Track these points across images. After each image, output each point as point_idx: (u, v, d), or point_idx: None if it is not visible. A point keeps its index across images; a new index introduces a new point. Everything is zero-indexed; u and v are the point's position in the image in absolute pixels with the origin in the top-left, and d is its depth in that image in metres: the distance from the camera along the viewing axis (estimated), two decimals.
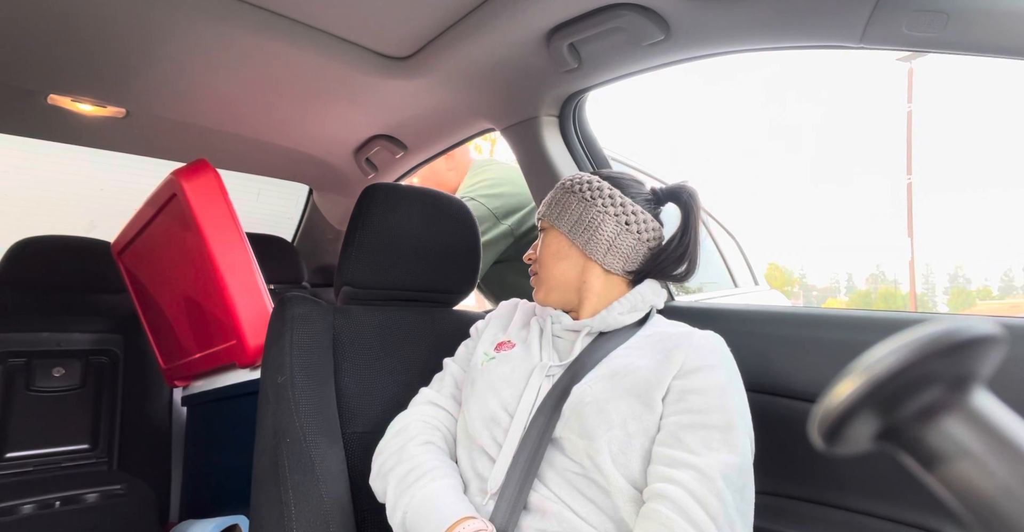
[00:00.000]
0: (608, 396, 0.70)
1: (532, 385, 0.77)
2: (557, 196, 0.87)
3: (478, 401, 0.78)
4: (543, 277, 0.85)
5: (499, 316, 0.94)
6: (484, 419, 0.76)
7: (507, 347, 0.85)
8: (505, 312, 0.94)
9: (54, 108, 1.27)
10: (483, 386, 0.79)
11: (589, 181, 0.85)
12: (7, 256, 1.52)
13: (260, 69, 1.10)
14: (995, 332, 0.24)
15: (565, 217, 0.84)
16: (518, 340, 0.86)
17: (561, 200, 0.86)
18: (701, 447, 0.64)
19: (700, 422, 0.66)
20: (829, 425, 0.24)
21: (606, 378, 0.73)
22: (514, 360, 0.81)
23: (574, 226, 0.83)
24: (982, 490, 0.23)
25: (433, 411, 0.85)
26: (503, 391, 0.77)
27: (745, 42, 0.88)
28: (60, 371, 1.59)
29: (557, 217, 0.85)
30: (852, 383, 0.23)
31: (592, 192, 0.84)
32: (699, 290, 2.14)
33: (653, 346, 0.76)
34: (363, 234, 0.97)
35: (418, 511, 0.69)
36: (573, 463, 0.69)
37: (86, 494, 1.37)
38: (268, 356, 0.89)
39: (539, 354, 0.82)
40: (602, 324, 0.80)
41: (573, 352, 0.80)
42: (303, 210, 2.07)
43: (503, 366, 0.81)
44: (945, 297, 38.23)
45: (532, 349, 0.83)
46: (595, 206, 0.83)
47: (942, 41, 0.70)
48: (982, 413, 0.24)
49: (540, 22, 0.92)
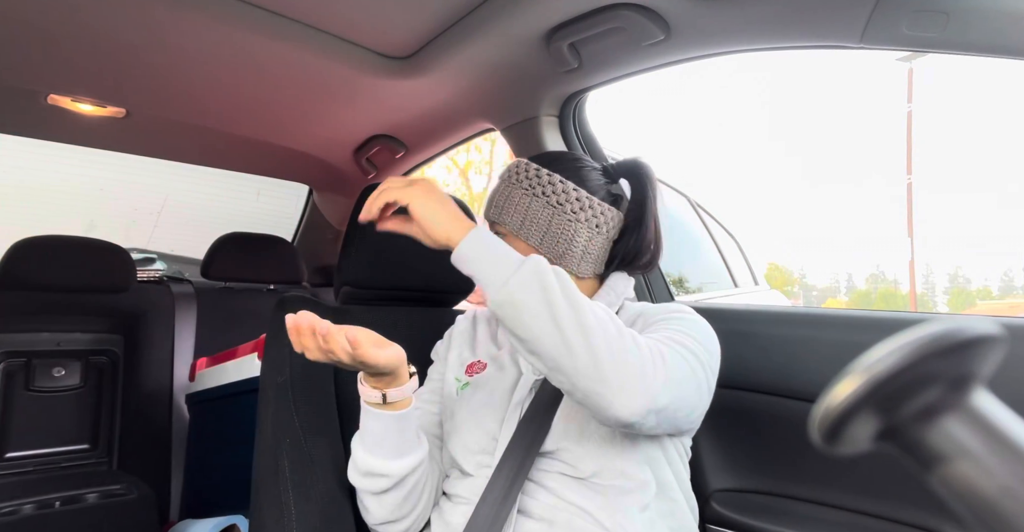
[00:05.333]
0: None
1: (516, 402, 0.73)
2: (514, 198, 0.77)
3: (461, 434, 0.74)
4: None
5: (460, 332, 0.87)
6: (470, 451, 0.73)
7: (479, 369, 0.79)
8: (465, 328, 0.87)
9: (54, 108, 1.27)
10: (465, 417, 0.75)
11: (551, 182, 0.77)
12: (7, 256, 1.52)
13: (260, 69, 1.10)
14: (995, 332, 0.24)
15: (531, 228, 0.76)
16: (489, 358, 0.80)
17: (520, 204, 0.77)
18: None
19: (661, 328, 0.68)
20: (829, 425, 0.24)
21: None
22: (491, 382, 0.76)
23: (544, 238, 0.76)
24: (982, 490, 0.23)
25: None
26: (485, 419, 0.73)
27: (745, 42, 0.88)
28: (60, 371, 1.59)
29: (520, 227, 0.77)
30: (852, 383, 0.23)
31: (558, 196, 0.76)
32: (699, 290, 2.15)
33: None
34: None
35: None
36: (576, 469, 0.67)
37: (86, 494, 1.37)
38: (268, 356, 0.89)
39: (516, 369, 0.77)
40: None
41: None
42: (303, 210, 2.07)
43: (480, 392, 0.76)
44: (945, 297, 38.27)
45: (506, 367, 0.77)
46: (564, 213, 0.76)
47: (942, 41, 0.70)
48: (982, 413, 0.24)
49: (540, 22, 0.92)
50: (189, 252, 2.17)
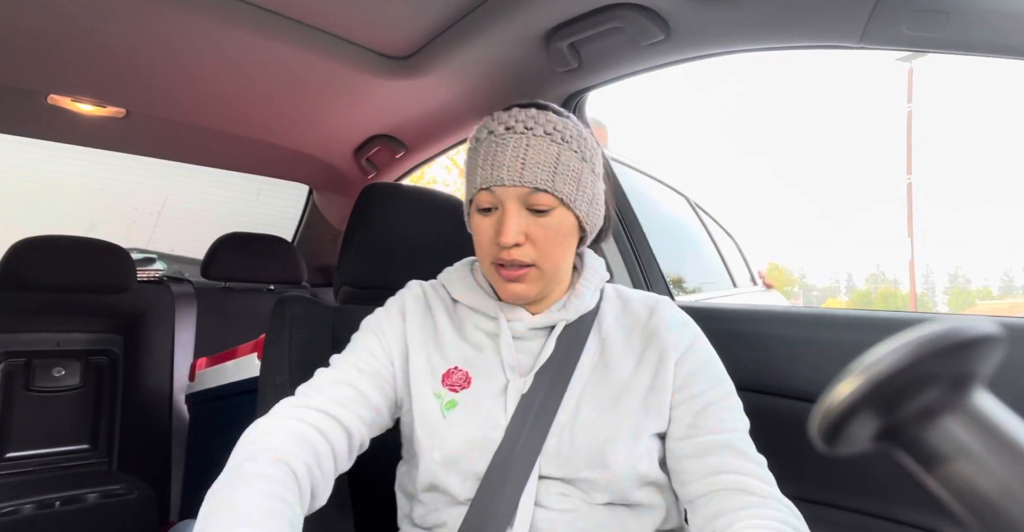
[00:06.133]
0: (605, 421, 0.62)
1: (509, 409, 0.63)
2: (564, 160, 0.62)
3: (450, 457, 0.62)
4: (547, 269, 0.64)
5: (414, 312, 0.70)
6: (460, 474, 0.63)
7: (461, 381, 0.66)
8: (417, 307, 0.71)
9: (54, 108, 1.27)
10: (461, 444, 0.62)
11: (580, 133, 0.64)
12: (7, 256, 1.52)
13: (260, 69, 1.10)
14: (995, 332, 0.24)
15: (582, 196, 0.64)
16: (467, 364, 0.66)
17: (573, 169, 0.63)
18: (718, 424, 0.64)
19: (714, 400, 0.65)
20: (829, 425, 0.24)
21: (595, 392, 0.64)
22: (479, 397, 0.64)
23: (589, 208, 0.65)
24: (982, 490, 0.23)
25: (325, 414, 0.61)
26: (482, 442, 0.62)
27: (745, 42, 0.88)
28: (60, 371, 1.59)
29: (576, 196, 0.63)
30: (852, 383, 0.23)
31: (586, 151, 0.64)
32: (698, 290, 2.14)
33: (625, 331, 0.69)
34: (362, 234, 0.96)
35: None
36: (580, 491, 0.62)
37: (86, 494, 1.37)
38: (267, 356, 0.89)
39: (502, 375, 0.65)
40: (575, 313, 0.68)
41: (541, 357, 0.66)
42: (303, 210, 2.07)
43: (473, 413, 0.63)
44: (945, 297, 38.26)
45: (493, 373, 0.66)
46: (594, 173, 0.65)
47: (942, 41, 0.70)
48: (982, 413, 0.24)
49: (540, 22, 0.92)
50: (189, 252, 2.17)
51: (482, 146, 0.64)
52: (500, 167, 0.61)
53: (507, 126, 0.64)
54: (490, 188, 0.62)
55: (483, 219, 0.65)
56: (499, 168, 0.61)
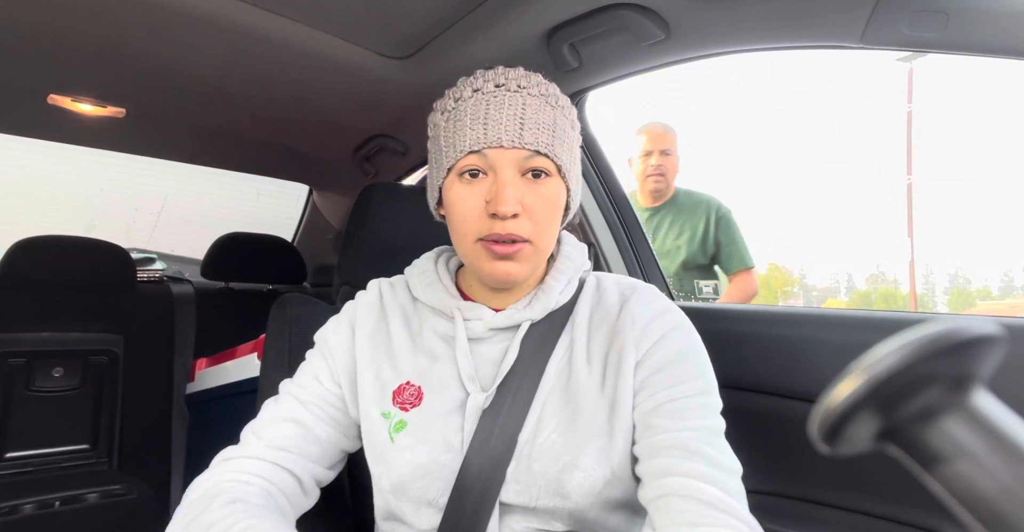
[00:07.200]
0: (566, 444, 0.55)
1: (468, 429, 0.56)
2: (561, 127, 0.57)
3: (398, 485, 0.57)
4: (541, 247, 0.56)
5: (364, 321, 0.64)
6: (412, 502, 0.57)
7: (413, 398, 0.58)
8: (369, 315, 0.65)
9: (54, 108, 1.27)
10: (411, 470, 0.56)
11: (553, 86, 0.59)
12: (7, 256, 1.52)
13: (260, 69, 1.10)
14: (995, 332, 0.24)
15: (574, 167, 0.59)
16: (421, 378, 0.59)
17: (569, 137, 0.58)
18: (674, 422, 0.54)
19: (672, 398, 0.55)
20: (829, 425, 0.24)
21: (556, 408, 0.56)
22: (431, 416, 0.57)
23: (576, 180, 0.60)
24: (982, 491, 0.23)
25: (264, 461, 0.57)
26: (432, 467, 0.56)
27: (745, 42, 0.88)
28: (60, 371, 1.59)
29: (570, 166, 0.58)
30: (852, 383, 0.23)
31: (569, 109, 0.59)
32: None
33: (594, 331, 0.60)
34: (362, 234, 0.96)
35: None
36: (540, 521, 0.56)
37: (86, 494, 1.37)
38: (267, 356, 0.89)
39: (460, 389, 0.58)
40: (542, 310, 0.59)
41: (503, 365, 0.57)
42: (303, 210, 2.07)
43: (423, 436, 0.56)
44: (945, 297, 38.32)
45: (449, 387, 0.58)
46: (574, 130, 0.59)
47: (942, 41, 0.70)
48: (982, 413, 0.24)
49: (540, 22, 0.92)
50: (189, 252, 2.18)
51: (466, 105, 0.56)
52: (497, 126, 0.53)
53: (497, 84, 0.57)
54: (481, 151, 0.54)
55: (465, 188, 0.56)
56: (495, 127, 0.53)
